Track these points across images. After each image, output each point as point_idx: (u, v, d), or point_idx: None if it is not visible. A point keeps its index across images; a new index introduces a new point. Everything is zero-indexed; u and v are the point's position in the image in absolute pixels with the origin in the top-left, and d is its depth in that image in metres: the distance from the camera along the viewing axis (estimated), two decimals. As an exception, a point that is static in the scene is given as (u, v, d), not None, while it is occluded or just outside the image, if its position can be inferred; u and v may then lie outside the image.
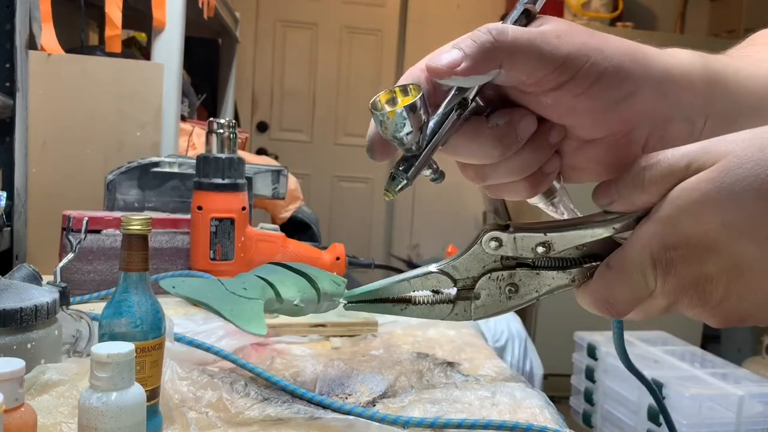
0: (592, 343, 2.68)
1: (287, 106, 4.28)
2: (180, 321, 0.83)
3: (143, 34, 2.17)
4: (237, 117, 3.19)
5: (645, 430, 2.36)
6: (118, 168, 1.20)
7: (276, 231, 1.13)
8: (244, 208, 1.04)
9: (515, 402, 0.69)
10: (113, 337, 0.55)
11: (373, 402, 0.70)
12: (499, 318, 2.20)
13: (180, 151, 1.55)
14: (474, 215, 4.28)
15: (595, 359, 2.66)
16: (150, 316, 0.56)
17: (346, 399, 0.70)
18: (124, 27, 1.44)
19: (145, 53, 1.97)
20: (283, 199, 1.32)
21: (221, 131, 1.04)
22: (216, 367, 0.74)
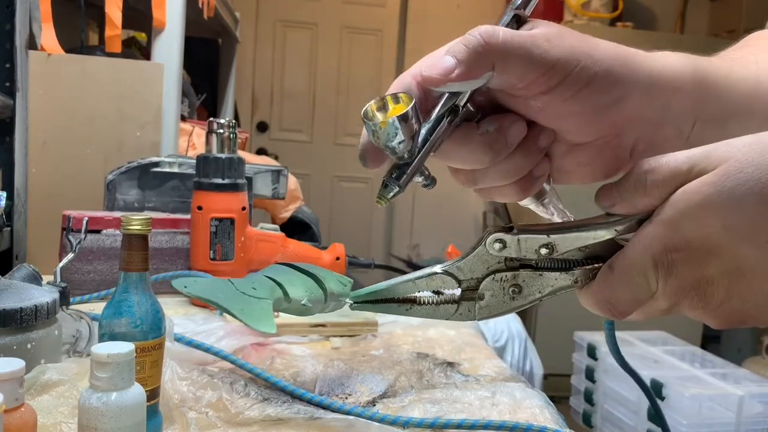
0: (592, 343, 2.68)
1: (287, 106, 4.28)
2: (180, 321, 0.83)
3: (143, 34, 2.17)
4: (237, 117, 3.19)
5: (645, 430, 2.35)
6: (118, 168, 1.20)
7: (276, 231, 1.13)
8: (244, 208, 1.04)
9: (515, 402, 0.70)
10: (113, 337, 0.55)
11: (373, 402, 0.70)
12: (499, 318, 2.19)
13: (180, 151, 1.55)
14: (474, 215, 4.28)
15: (595, 359, 2.66)
16: (150, 316, 0.56)
17: (346, 399, 0.70)
18: (124, 27, 1.44)
19: (145, 53, 1.97)
20: (283, 199, 1.32)
21: (221, 131, 1.04)
22: (216, 367, 0.74)
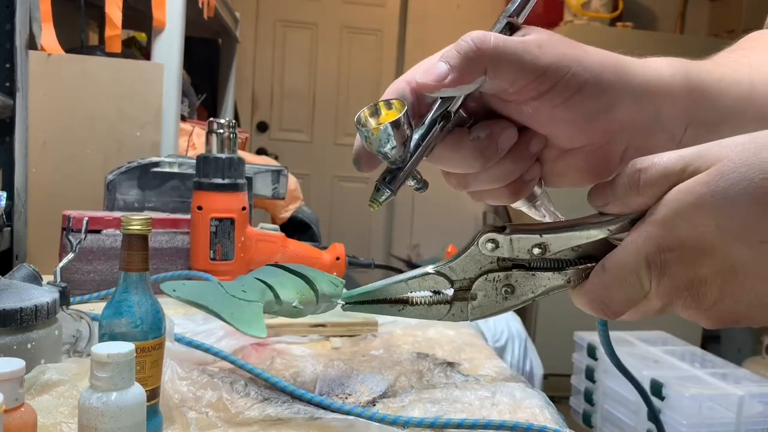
0: (592, 343, 2.68)
1: (287, 106, 4.28)
2: (180, 321, 0.83)
3: (143, 34, 2.17)
4: (237, 117, 3.19)
5: (645, 430, 2.35)
6: (118, 168, 1.20)
7: (276, 231, 1.13)
8: (244, 208, 1.04)
9: (515, 402, 0.69)
10: (113, 337, 0.55)
11: (373, 402, 0.69)
12: (498, 318, 2.20)
13: (180, 151, 1.55)
14: (474, 215, 4.28)
15: (595, 359, 2.66)
16: (150, 316, 0.56)
17: (346, 399, 0.70)
18: (124, 27, 1.44)
19: (145, 53, 1.97)
20: (283, 199, 1.32)
21: (221, 131, 1.04)
22: (216, 367, 0.74)
